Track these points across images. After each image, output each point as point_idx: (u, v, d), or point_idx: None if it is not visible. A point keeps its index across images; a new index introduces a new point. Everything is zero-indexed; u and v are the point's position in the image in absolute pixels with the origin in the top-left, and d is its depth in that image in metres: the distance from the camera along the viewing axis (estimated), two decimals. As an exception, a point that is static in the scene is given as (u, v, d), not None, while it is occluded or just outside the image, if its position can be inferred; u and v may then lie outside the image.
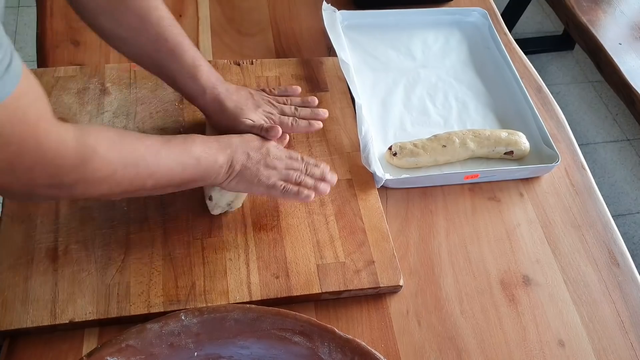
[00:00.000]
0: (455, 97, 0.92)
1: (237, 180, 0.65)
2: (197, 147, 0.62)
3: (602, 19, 1.55)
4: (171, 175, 0.59)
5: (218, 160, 0.63)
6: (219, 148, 0.64)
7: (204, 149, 0.62)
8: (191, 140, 0.62)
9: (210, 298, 0.65)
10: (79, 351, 0.61)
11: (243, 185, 0.66)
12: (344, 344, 0.54)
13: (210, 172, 0.63)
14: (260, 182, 0.66)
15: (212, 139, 0.65)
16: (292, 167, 0.69)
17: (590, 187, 0.84)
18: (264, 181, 0.66)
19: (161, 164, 0.58)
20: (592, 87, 2.16)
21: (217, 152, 0.63)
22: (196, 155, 0.61)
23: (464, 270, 0.73)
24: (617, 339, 0.70)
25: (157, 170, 0.58)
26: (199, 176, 0.62)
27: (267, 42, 0.95)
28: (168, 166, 0.59)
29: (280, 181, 0.67)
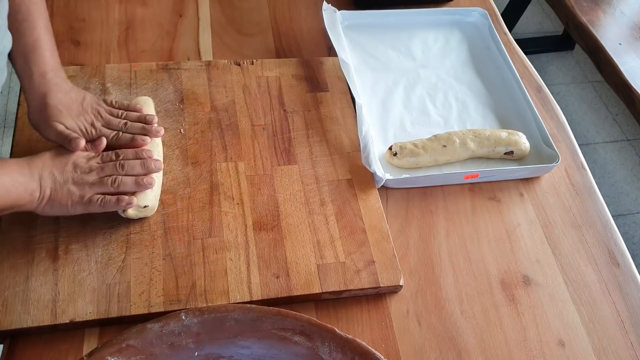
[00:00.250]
0: (455, 97, 0.92)
1: (50, 205, 0.62)
2: (6, 176, 0.59)
3: (602, 19, 1.55)
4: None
5: (28, 189, 0.60)
6: (27, 174, 0.61)
7: (12, 175, 0.60)
8: (5, 168, 0.60)
9: (211, 298, 0.65)
10: (79, 351, 0.61)
11: (58, 209, 0.63)
12: (344, 344, 0.54)
13: (21, 200, 0.60)
14: (75, 202, 0.63)
15: (21, 162, 0.62)
16: (105, 173, 0.65)
17: (590, 187, 0.84)
18: (78, 201, 0.63)
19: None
20: (592, 87, 2.16)
21: (26, 178, 0.60)
22: (6, 185, 0.59)
23: (464, 270, 0.73)
24: (617, 339, 0.70)
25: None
26: (9, 205, 0.60)
27: (267, 42, 0.95)
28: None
29: (96, 195, 0.64)
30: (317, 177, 0.77)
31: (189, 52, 0.91)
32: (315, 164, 0.78)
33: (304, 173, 0.77)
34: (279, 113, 0.83)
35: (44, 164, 0.63)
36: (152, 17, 0.95)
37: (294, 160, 0.78)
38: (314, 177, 0.77)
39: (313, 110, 0.84)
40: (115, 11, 0.95)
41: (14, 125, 0.76)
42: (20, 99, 0.78)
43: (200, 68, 0.86)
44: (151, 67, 0.85)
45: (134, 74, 0.83)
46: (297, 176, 0.77)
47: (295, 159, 0.78)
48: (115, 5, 0.96)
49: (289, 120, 0.83)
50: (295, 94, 0.86)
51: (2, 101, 1.78)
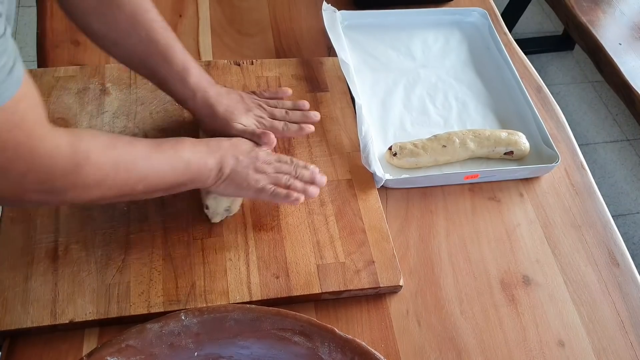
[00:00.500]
0: (455, 97, 0.92)
1: (226, 183, 0.65)
2: (187, 150, 0.62)
3: (602, 19, 1.55)
4: (161, 178, 0.59)
5: (208, 164, 0.63)
6: (208, 151, 0.64)
7: (193, 152, 0.62)
8: (181, 143, 0.62)
9: (210, 298, 0.65)
10: (79, 351, 0.61)
11: (232, 189, 0.66)
12: (344, 344, 0.54)
13: (200, 175, 0.62)
14: (250, 186, 0.66)
15: (202, 142, 0.65)
16: (281, 170, 0.69)
17: (590, 187, 0.84)
18: (253, 185, 0.66)
19: (152, 168, 0.58)
20: (592, 87, 2.16)
21: (207, 155, 0.63)
22: (186, 158, 0.61)
23: (464, 270, 0.73)
24: (617, 339, 0.70)
25: (148, 174, 0.58)
26: (189, 179, 0.62)
27: (267, 42, 0.95)
28: (159, 170, 0.59)
29: (269, 185, 0.66)
30: (317, 177, 0.77)
31: (189, 52, 0.90)
32: (315, 164, 0.78)
33: (304, 173, 0.77)
34: (278, 113, 0.83)
35: (228, 146, 0.66)
36: (152, 17, 0.95)
37: (294, 160, 0.78)
38: (314, 177, 0.77)
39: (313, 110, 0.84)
40: (115, 11, 0.95)
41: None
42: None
43: (200, 68, 0.86)
44: (151, 67, 0.85)
45: (134, 74, 0.83)
46: (297, 176, 0.76)
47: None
48: (115, 5, 0.95)
49: (289, 120, 0.82)
50: (295, 94, 0.86)
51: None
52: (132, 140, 0.58)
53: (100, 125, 0.77)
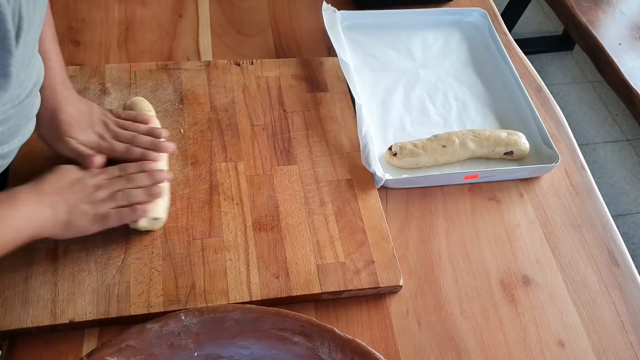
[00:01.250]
0: (455, 97, 0.92)
1: (68, 228, 0.61)
2: (24, 206, 0.58)
3: (602, 19, 1.55)
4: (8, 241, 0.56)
5: (45, 215, 0.59)
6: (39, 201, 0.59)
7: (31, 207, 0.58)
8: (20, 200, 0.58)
9: (210, 298, 0.65)
10: (79, 351, 0.61)
11: (76, 231, 0.62)
12: (344, 344, 0.54)
13: (41, 228, 0.59)
14: (91, 222, 0.62)
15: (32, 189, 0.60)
16: (115, 188, 0.65)
17: (590, 187, 0.84)
18: (94, 219, 0.62)
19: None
20: (592, 87, 2.16)
21: (43, 206, 0.59)
22: (25, 215, 0.57)
23: (464, 270, 0.73)
24: (617, 339, 0.70)
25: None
26: (33, 235, 0.59)
27: (267, 42, 0.95)
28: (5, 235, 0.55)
29: (112, 209, 0.63)
30: (316, 177, 0.77)
31: (189, 52, 0.91)
32: (315, 164, 0.78)
33: (304, 173, 0.77)
34: (278, 113, 0.83)
35: (51, 187, 0.61)
36: (152, 17, 0.95)
37: (294, 160, 0.78)
38: (314, 177, 0.77)
39: (313, 111, 0.84)
40: (114, 11, 0.95)
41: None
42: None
43: (200, 68, 0.86)
44: (151, 67, 0.85)
45: (134, 74, 0.83)
46: (296, 176, 0.76)
47: (294, 159, 0.78)
48: (114, 5, 0.95)
49: (289, 121, 0.83)
50: (295, 94, 0.86)
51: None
52: None
53: (100, 125, 0.77)
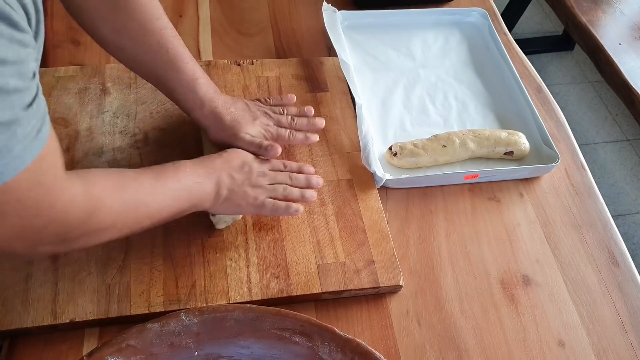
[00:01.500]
0: (455, 97, 0.92)
1: (225, 204, 0.64)
2: (187, 177, 0.61)
3: (602, 19, 1.55)
4: (166, 210, 0.59)
5: (207, 188, 0.62)
6: (205, 174, 0.63)
7: (193, 178, 0.61)
8: (181, 170, 0.61)
9: (211, 298, 0.65)
10: (79, 351, 0.61)
11: (232, 209, 0.65)
12: (344, 344, 0.54)
13: (201, 200, 0.62)
14: (249, 204, 0.65)
15: (198, 164, 0.64)
16: (276, 180, 0.68)
17: (590, 187, 0.84)
18: (252, 202, 0.65)
19: (157, 201, 0.58)
20: (592, 87, 2.16)
21: (205, 179, 0.62)
22: (187, 186, 0.61)
23: (464, 270, 0.73)
24: (617, 339, 0.70)
25: (154, 209, 0.58)
26: (191, 205, 0.62)
27: (267, 42, 0.95)
28: (163, 202, 0.58)
29: (267, 199, 0.66)
30: (317, 177, 0.77)
31: (189, 51, 0.91)
32: (315, 164, 0.78)
33: (304, 173, 0.77)
34: (278, 113, 0.83)
35: (221, 165, 0.65)
36: (152, 17, 0.95)
37: (294, 160, 0.78)
38: (314, 177, 0.77)
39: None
40: (115, 11, 0.95)
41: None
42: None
43: (200, 68, 0.86)
44: (151, 67, 0.85)
45: (134, 74, 0.83)
46: (297, 176, 0.76)
47: (295, 159, 0.78)
48: (115, 5, 0.95)
49: (289, 120, 0.82)
50: (295, 94, 0.85)
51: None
52: (136, 175, 0.58)
53: (100, 125, 0.77)
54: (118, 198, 0.53)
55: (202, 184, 0.62)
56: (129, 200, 0.55)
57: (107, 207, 0.52)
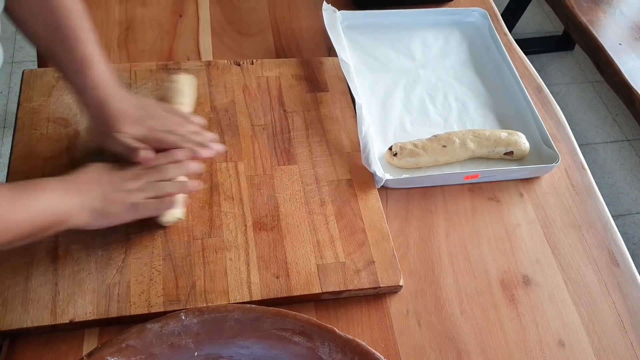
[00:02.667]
0: (455, 97, 0.92)
1: (102, 217, 0.62)
2: (49, 192, 0.59)
3: (602, 19, 1.55)
4: (24, 225, 0.56)
5: (72, 202, 0.60)
6: (69, 190, 0.61)
7: (56, 192, 0.59)
8: (42, 186, 0.59)
9: (211, 298, 0.65)
10: (79, 351, 0.61)
11: (110, 219, 0.63)
12: (344, 344, 0.54)
13: (67, 215, 0.60)
14: (127, 209, 0.63)
15: (60, 181, 0.61)
16: (149, 179, 0.66)
17: (590, 187, 0.84)
18: (129, 207, 0.63)
19: (14, 215, 0.55)
20: (592, 88, 2.16)
21: (69, 193, 0.60)
22: (48, 201, 0.58)
23: (464, 270, 0.73)
24: (617, 339, 0.70)
25: (16, 221, 0.55)
26: (56, 221, 0.59)
27: (267, 42, 0.95)
28: (20, 216, 0.55)
29: (140, 200, 0.64)
30: (317, 177, 0.77)
31: (189, 52, 0.91)
32: (315, 164, 0.78)
33: (304, 173, 0.77)
34: (278, 113, 0.83)
35: (86, 179, 0.63)
36: (152, 17, 0.95)
37: (294, 160, 0.78)
38: (314, 177, 0.77)
39: (313, 110, 0.84)
40: (115, 11, 0.95)
41: (14, 125, 0.76)
42: (20, 99, 0.78)
43: (200, 68, 0.86)
44: (151, 67, 0.85)
45: (134, 74, 0.83)
46: (297, 176, 0.77)
47: (295, 159, 0.78)
48: (115, 5, 0.96)
49: (289, 120, 0.83)
50: (295, 94, 0.86)
51: (2, 101, 1.78)
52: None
53: (100, 125, 0.77)
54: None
55: (65, 199, 0.59)
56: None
57: None
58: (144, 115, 0.69)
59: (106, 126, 0.66)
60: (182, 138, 0.70)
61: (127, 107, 0.68)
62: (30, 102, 0.78)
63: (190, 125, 0.72)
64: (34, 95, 0.79)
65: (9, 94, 1.81)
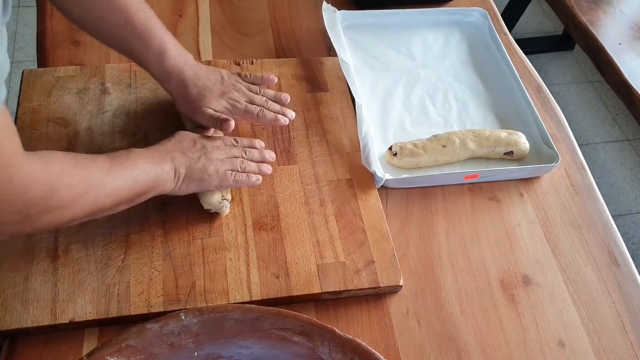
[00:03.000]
0: (455, 97, 0.92)
1: (187, 182, 0.65)
2: (141, 160, 0.62)
3: (602, 19, 1.55)
4: (125, 190, 0.60)
5: (164, 168, 0.63)
6: (160, 157, 0.64)
7: (147, 160, 0.62)
8: (133, 154, 0.62)
9: (210, 298, 0.65)
10: (79, 351, 0.61)
11: (195, 185, 0.66)
12: (344, 344, 0.54)
13: (159, 180, 0.63)
14: (211, 177, 0.66)
15: (149, 149, 0.65)
16: (232, 154, 0.69)
17: (590, 187, 0.84)
18: (214, 175, 0.66)
19: (115, 181, 0.58)
20: (592, 87, 2.16)
21: (160, 160, 0.63)
22: (142, 167, 0.61)
23: (464, 270, 0.73)
24: (617, 339, 0.70)
25: (114, 188, 0.58)
26: (150, 187, 0.62)
27: (267, 42, 0.95)
28: (120, 182, 0.59)
29: (229, 171, 0.68)
30: (316, 177, 0.77)
31: (189, 51, 0.91)
32: (315, 164, 0.78)
33: (304, 173, 0.77)
34: (278, 113, 0.83)
35: (172, 147, 0.66)
36: (152, 17, 0.95)
37: (294, 160, 0.78)
38: (314, 177, 0.77)
39: (313, 110, 0.84)
40: (115, 11, 0.95)
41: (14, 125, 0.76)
42: (20, 99, 0.78)
43: (200, 68, 0.86)
44: (151, 67, 0.85)
45: (134, 73, 0.83)
46: (296, 176, 0.77)
47: (295, 159, 0.78)
48: (115, 5, 0.95)
49: (289, 120, 0.82)
50: (295, 94, 0.86)
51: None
52: (93, 157, 0.59)
53: (100, 125, 0.77)
54: (77, 175, 0.54)
55: (157, 165, 0.63)
56: (87, 178, 0.55)
57: (66, 183, 0.53)
58: (225, 89, 0.74)
59: (193, 105, 0.71)
60: (262, 108, 0.74)
61: (209, 84, 0.72)
62: (30, 102, 0.78)
63: (267, 91, 0.78)
64: (34, 95, 0.79)
65: (9, 93, 1.81)
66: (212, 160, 0.67)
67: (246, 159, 0.70)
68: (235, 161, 0.69)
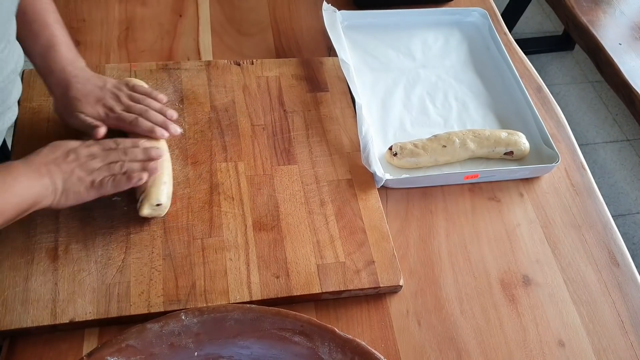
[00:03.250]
0: (455, 97, 0.92)
1: (65, 195, 0.63)
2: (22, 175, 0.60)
3: (602, 19, 1.55)
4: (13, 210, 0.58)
5: (44, 182, 0.61)
6: (35, 173, 0.61)
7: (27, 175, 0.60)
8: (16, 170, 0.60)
9: (211, 298, 0.65)
10: (79, 351, 0.61)
11: (73, 197, 0.63)
12: (344, 344, 0.54)
13: (40, 196, 0.60)
14: (88, 188, 0.64)
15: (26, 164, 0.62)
16: (109, 160, 0.66)
17: (590, 187, 0.84)
18: (90, 185, 0.64)
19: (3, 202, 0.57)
20: (592, 87, 2.16)
21: (36, 177, 0.61)
22: (25, 183, 0.59)
23: (464, 270, 0.73)
24: (617, 339, 0.70)
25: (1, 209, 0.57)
26: (34, 202, 0.60)
27: (267, 42, 0.95)
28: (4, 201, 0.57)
29: (106, 177, 0.65)
30: (317, 177, 0.77)
31: (189, 51, 0.91)
32: (315, 164, 0.78)
33: (304, 173, 0.77)
34: (278, 113, 0.83)
35: (46, 159, 0.63)
36: (152, 17, 0.95)
37: (294, 160, 0.78)
38: (314, 177, 0.77)
39: (313, 110, 0.84)
40: (115, 11, 0.95)
41: (14, 125, 0.76)
42: (20, 99, 0.78)
43: (200, 68, 0.86)
44: (151, 67, 0.85)
45: (134, 73, 0.83)
46: (297, 176, 0.77)
47: (295, 159, 0.78)
48: (115, 5, 0.96)
49: (289, 120, 0.83)
50: (295, 94, 0.86)
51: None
52: None
53: (100, 125, 0.77)
54: None
55: (38, 180, 0.60)
56: None
57: None
58: (103, 95, 0.72)
59: (70, 107, 0.70)
60: (138, 117, 0.71)
61: (90, 87, 0.71)
62: (30, 102, 0.78)
63: (152, 102, 0.75)
64: (34, 95, 0.79)
65: (9, 93, 1.81)
66: (87, 170, 0.64)
67: (127, 161, 0.67)
68: (113, 167, 0.66)
